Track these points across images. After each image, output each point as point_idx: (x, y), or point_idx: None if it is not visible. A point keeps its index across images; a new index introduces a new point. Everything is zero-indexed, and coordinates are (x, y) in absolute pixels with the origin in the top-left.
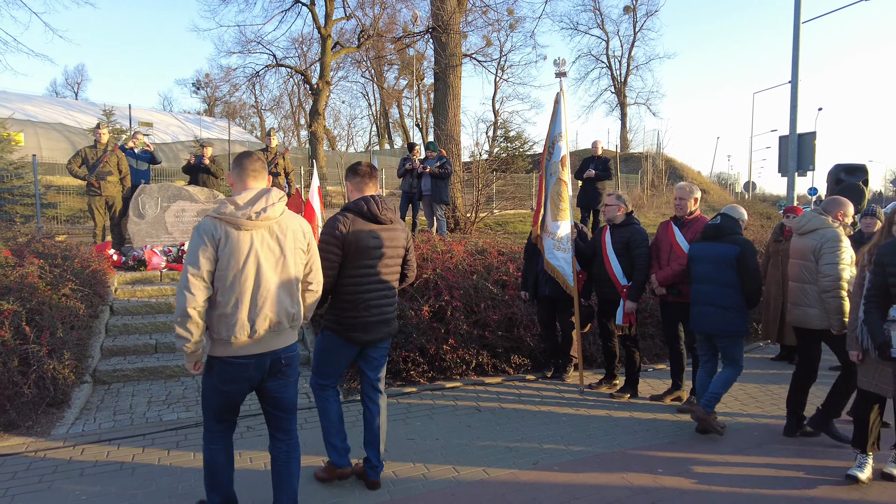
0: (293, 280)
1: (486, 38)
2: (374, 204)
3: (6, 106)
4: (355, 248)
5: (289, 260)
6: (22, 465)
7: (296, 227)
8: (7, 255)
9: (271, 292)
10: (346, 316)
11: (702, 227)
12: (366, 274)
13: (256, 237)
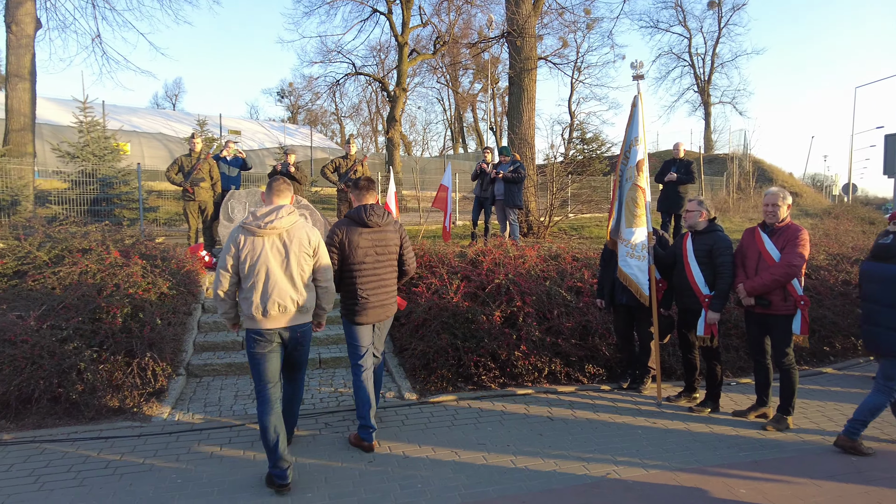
0: (296, 276)
1: (563, 39)
2: (365, 212)
3: (115, 118)
4: (349, 248)
5: (292, 260)
6: (127, 448)
7: (302, 235)
8: (116, 256)
9: (278, 283)
10: (349, 303)
11: (793, 235)
12: (360, 269)
13: (267, 241)
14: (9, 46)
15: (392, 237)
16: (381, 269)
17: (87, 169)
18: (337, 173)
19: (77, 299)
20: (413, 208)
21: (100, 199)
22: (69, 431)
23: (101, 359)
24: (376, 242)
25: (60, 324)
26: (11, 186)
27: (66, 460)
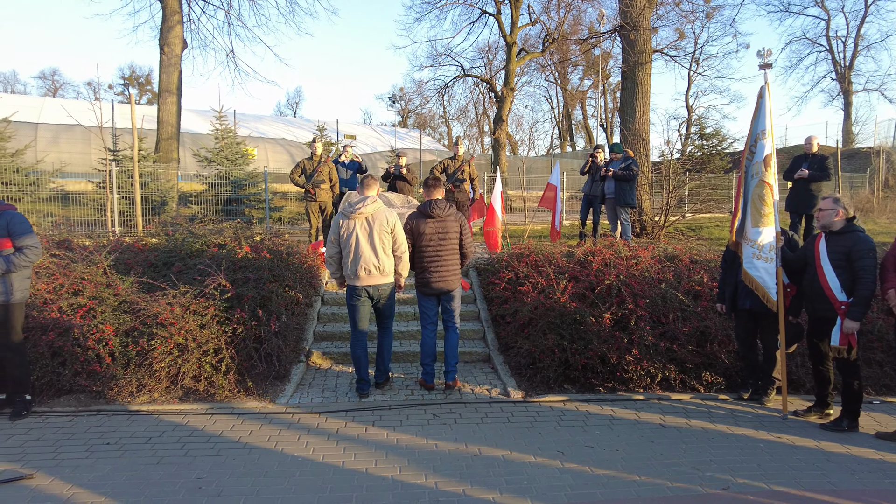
0: (378, 248)
1: (679, 30)
2: (430, 206)
3: (244, 126)
4: (417, 233)
5: (375, 236)
6: (256, 425)
7: (383, 217)
8: (247, 251)
9: (364, 253)
10: (418, 278)
11: None
12: (426, 251)
13: (357, 222)
14: (161, 66)
15: (452, 226)
16: (444, 252)
17: (222, 172)
18: (445, 174)
19: (214, 289)
20: (518, 208)
21: (232, 199)
22: (207, 407)
23: (235, 343)
24: (438, 230)
25: (200, 310)
26: (160, 189)
27: (206, 432)
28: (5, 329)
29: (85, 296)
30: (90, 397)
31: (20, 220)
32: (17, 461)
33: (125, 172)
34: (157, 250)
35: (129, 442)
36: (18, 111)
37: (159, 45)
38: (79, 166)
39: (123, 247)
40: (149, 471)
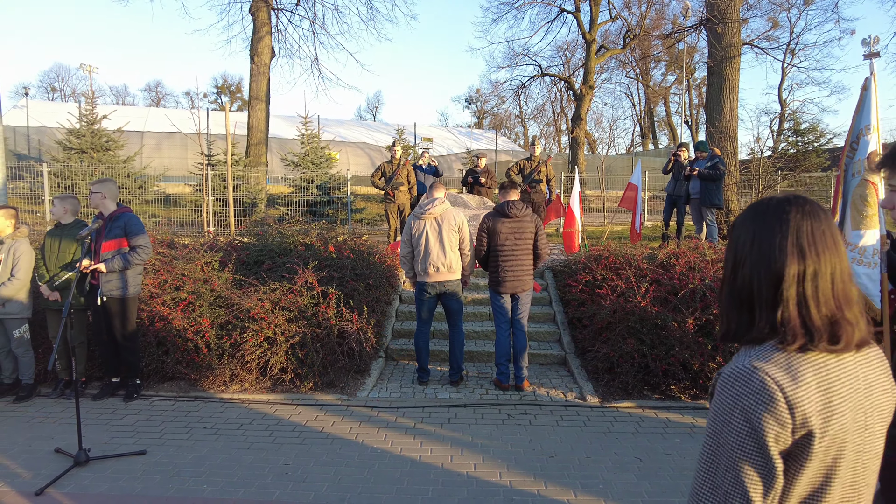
0: (446, 246)
1: (772, 20)
2: (507, 206)
3: (327, 130)
4: (493, 233)
5: (444, 235)
6: (337, 416)
7: (450, 218)
8: (332, 251)
9: (433, 251)
10: (493, 277)
11: None
12: (501, 250)
13: (427, 223)
14: (251, 75)
15: (528, 226)
16: (518, 252)
17: (307, 175)
18: (521, 175)
19: (301, 286)
20: (597, 209)
21: (316, 201)
22: (293, 398)
23: (319, 337)
24: (514, 230)
25: (288, 306)
26: (251, 191)
27: (292, 422)
28: (122, 320)
29: (185, 290)
30: (189, 384)
31: (136, 222)
32: (130, 438)
33: (219, 176)
34: (249, 249)
35: (223, 427)
36: (129, 121)
37: (250, 55)
38: (178, 171)
39: (218, 246)
40: (241, 454)
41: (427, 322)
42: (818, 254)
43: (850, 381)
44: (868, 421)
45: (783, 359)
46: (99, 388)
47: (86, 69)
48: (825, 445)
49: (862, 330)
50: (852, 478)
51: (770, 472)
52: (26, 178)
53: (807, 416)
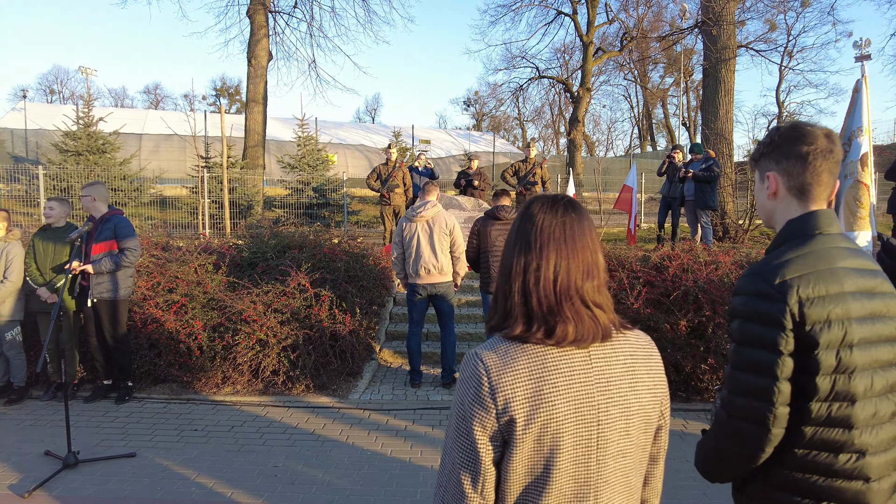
0: (437, 249)
1: (770, 22)
2: (497, 210)
3: (325, 132)
4: (483, 235)
5: (435, 238)
6: (329, 418)
7: (442, 221)
8: (326, 252)
9: (424, 254)
10: (484, 278)
11: None
12: (492, 251)
13: (419, 225)
14: (248, 77)
15: None
16: None
17: (304, 178)
18: (516, 177)
19: (294, 288)
20: (594, 210)
21: (313, 203)
22: (284, 400)
23: (311, 340)
24: (504, 232)
25: (281, 308)
26: (247, 193)
27: (283, 424)
28: (112, 322)
29: (178, 293)
30: (181, 387)
31: (125, 224)
32: (120, 440)
33: (215, 178)
34: (243, 251)
35: (214, 429)
36: (126, 124)
37: (247, 57)
38: (175, 173)
39: (212, 248)
40: (231, 456)
41: (419, 324)
42: (543, 248)
43: (574, 374)
44: (603, 417)
45: (504, 347)
46: (91, 390)
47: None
48: (535, 434)
49: (586, 326)
50: (585, 474)
51: (475, 457)
52: (22, 180)
53: (509, 401)
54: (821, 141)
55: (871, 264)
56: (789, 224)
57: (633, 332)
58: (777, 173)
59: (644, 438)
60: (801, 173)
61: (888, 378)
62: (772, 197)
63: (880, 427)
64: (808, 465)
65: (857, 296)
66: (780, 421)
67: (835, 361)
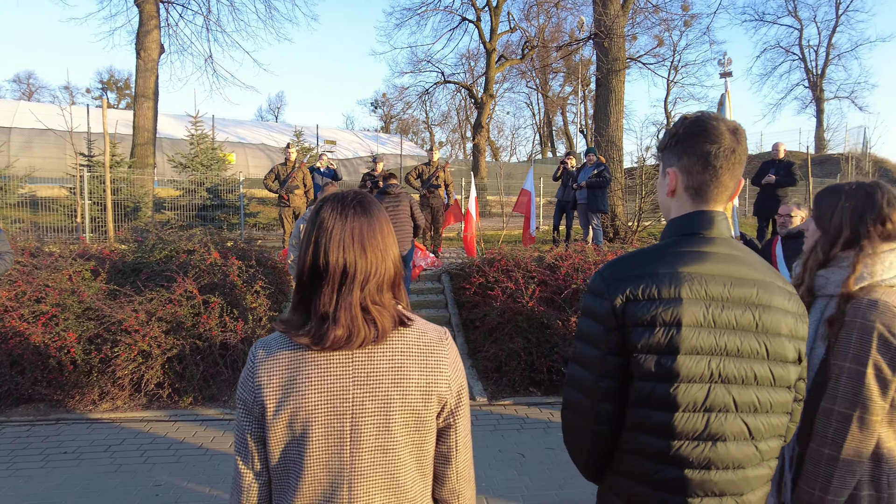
0: None
1: (658, 38)
2: (388, 187)
3: (223, 131)
4: None
5: None
6: (218, 431)
7: None
8: (216, 257)
9: None
10: None
11: None
12: None
13: None
14: (137, 70)
15: (404, 202)
16: (398, 223)
17: (197, 178)
18: (420, 179)
19: (180, 295)
20: (497, 213)
21: (207, 205)
22: (170, 414)
23: (199, 349)
24: (393, 204)
25: (166, 317)
26: (135, 194)
27: (168, 439)
28: None
29: (48, 303)
30: (50, 406)
31: None
32: None
33: (97, 178)
34: (126, 256)
35: (87, 450)
36: None
37: (136, 49)
38: (53, 171)
39: (91, 253)
40: (106, 479)
41: None
42: (329, 249)
43: (331, 367)
44: (358, 411)
45: (275, 339)
46: None
47: None
48: (285, 422)
49: (360, 331)
50: (338, 465)
51: (243, 437)
52: None
53: (262, 387)
54: (725, 139)
55: (747, 272)
56: (669, 223)
57: (416, 328)
58: (677, 170)
59: (417, 437)
60: (700, 173)
61: (724, 393)
62: (670, 195)
63: (705, 443)
64: (630, 470)
65: (697, 302)
66: (601, 417)
67: (654, 367)
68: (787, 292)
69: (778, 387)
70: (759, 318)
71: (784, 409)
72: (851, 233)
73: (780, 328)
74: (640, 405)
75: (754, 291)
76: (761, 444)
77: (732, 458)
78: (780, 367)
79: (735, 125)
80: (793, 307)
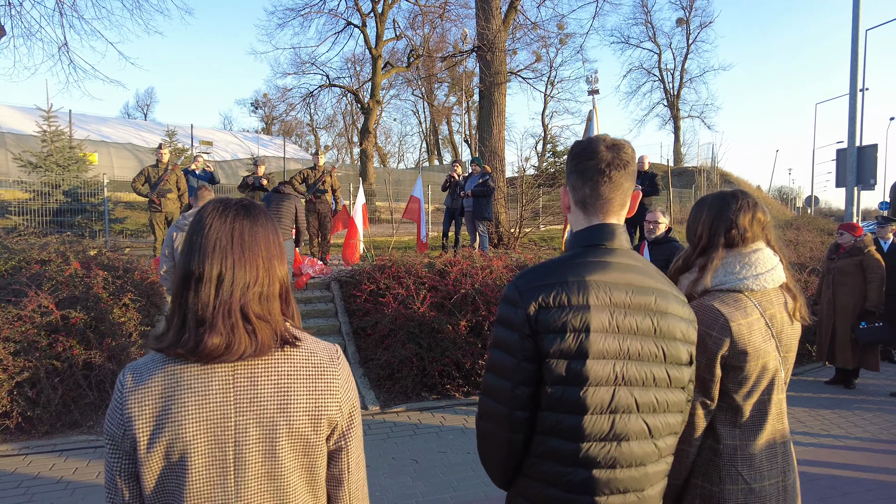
0: None
1: (536, 53)
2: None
3: (83, 128)
4: None
5: None
6: (83, 461)
7: None
8: (77, 268)
9: None
10: None
11: None
12: None
13: None
14: None
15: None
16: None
17: (50, 179)
18: (305, 184)
19: (32, 311)
20: (386, 220)
21: (64, 209)
22: (20, 446)
23: (58, 371)
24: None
25: (14, 336)
26: None
27: (18, 475)
28: None
29: None
30: None
31: None
32: None
33: None
34: None
35: None
36: None
37: None
38: None
39: None
40: None
41: None
42: (207, 256)
43: (210, 393)
44: (241, 438)
45: (147, 363)
46: None
47: None
48: (160, 454)
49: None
50: (222, 496)
51: (111, 473)
52: None
53: (133, 419)
54: (601, 155)
55: (646, 281)
56: (572, 235)
57: (305, 348)
58: (568, 187)
59: (306, 461)
60: (580, 188)
61: (627, 395)
62: (566, 210)
63: (611, 443)
64: (540, 474)
65: (603, 309)
66: (517, 426)
67: (564, 372)
68: (680, 300)
69: (674, 387)
70: (657, 323)
71: (679, 408)
72: (707, 240)
73: (676, 333)
74: (551, 410)
75: (653, 299)
76: (660, 441)
77: (635, 457)
78: (675, 370)
79: (614, 142)
80: (685, 314)
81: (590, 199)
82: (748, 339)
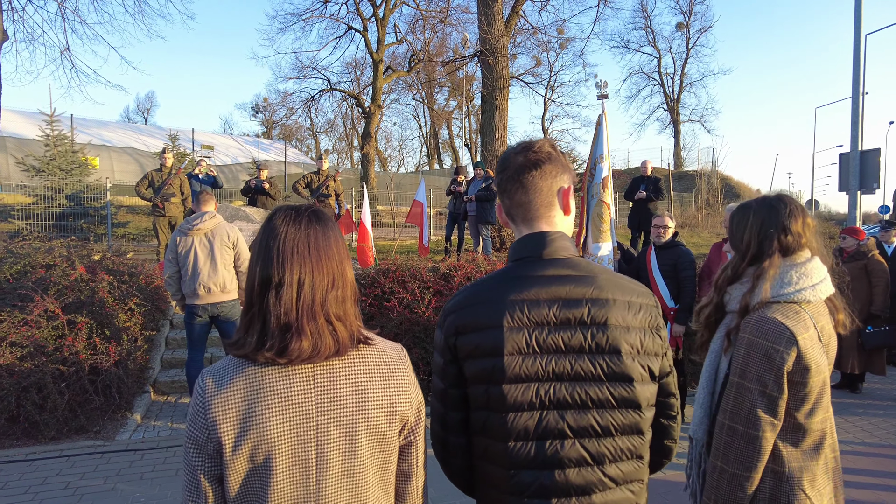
0: (219, 264)
1: (536, 58)
2: None
3: (85, 132)
4: None
5: (216, 252)
6: (90, 467)
7: (223, 233)
8: (82, 272)
9: (203, 271)
10: None
11: None
12: None
13: (196, 239)
14: None
15: None
16: None
17: (53, 183)
18: (309, 188)
19: (38, 315)
20: (388, 224)
21: (67, 213)
22: (27, 452)
23: (64, 376)
24: None
25: (20, 341)
26: None
27: (24, 481)
28: None
29: None
30: None
31: None
32: None
33: None
34: None
35: None
36: None
37: None
38: None
39: None
40: None
41: (200, 349)
42: (285, 262)
43: (292, 394)
44: (322, 437)
45: (226, 367)
46: None
47: None
48: (246, 456)
49: (325, 341)
50: (304, 494)
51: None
52: None
53: (217, 423)
54: (510, 164)
55: (578, 291)
56: (509, 248)
57: (376, 347)
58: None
59: (381, 457)
60: (504, 201)
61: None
62: (504, 224)
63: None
64: (484, 498)
65: (520, 330)
66: (454, 450)
67: (483, 397)
68: (633, 306)
69: (622, 408)
70: (591, 338)
71: (634, 430)
72: (758, 248)
73: (620, 346)
74: (480, 435)
75: (585, 311)
76: (609, 468)
77: (572, 486)
78: (622, 388)
79: (524, 144)
80: (638, 322)
81: (512, 210)
82: (811, 353)
